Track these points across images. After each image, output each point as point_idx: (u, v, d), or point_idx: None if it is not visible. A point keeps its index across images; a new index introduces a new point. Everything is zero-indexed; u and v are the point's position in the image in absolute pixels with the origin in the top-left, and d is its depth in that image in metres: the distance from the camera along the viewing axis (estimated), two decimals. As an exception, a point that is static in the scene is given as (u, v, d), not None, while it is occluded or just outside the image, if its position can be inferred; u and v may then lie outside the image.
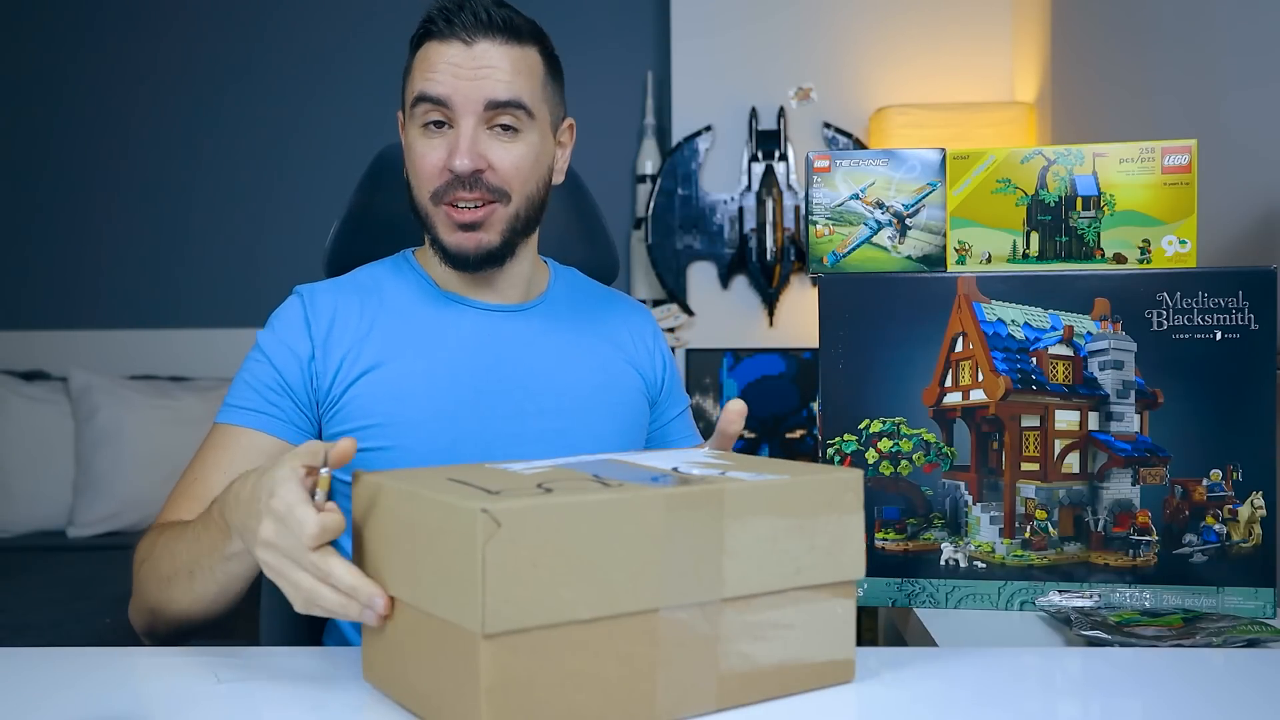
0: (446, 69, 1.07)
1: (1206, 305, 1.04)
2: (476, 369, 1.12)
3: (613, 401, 1.18)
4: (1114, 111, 2.09)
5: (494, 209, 1.09)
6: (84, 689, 0.79)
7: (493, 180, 1.08)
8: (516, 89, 1.08)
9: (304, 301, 1.13)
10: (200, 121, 3.33)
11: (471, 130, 1.06)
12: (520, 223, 1.11)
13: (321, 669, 0.82)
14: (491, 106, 1.07)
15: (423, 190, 1.10)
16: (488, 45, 1.07)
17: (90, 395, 2.85)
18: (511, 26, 1.08)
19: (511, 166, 1.08)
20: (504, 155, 1.08)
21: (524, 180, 1.10)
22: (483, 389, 1.11)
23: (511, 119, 1.08)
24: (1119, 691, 0.79)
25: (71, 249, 3.36)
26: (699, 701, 0.70)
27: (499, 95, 1.06)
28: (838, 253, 1.15)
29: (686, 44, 2.89)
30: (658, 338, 1.29)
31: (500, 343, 1.14)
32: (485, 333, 1.14)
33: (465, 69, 1.06)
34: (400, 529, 0.71)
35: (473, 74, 1.06)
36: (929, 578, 1.09)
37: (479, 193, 1.07)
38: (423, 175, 1.09)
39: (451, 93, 1.06)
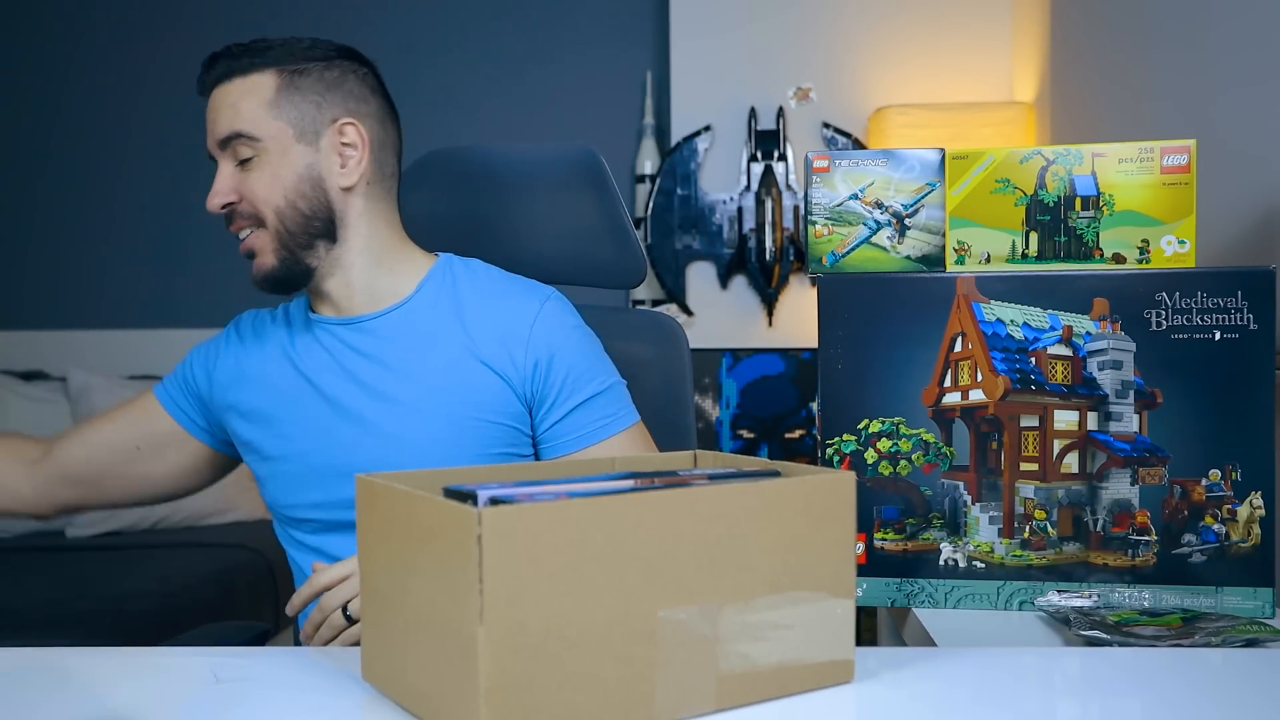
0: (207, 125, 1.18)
1: (1205, 305, 1.04)
2: (322, 382, 1.19)
3: (451, 401, 1.15)
4: (1113, 111, 2.09)
5: (257, 235, 1.17)
6: (84, 689, 0.79)
7: (245, 209, 1.16)
8: (233, 121, 1.15)
9: (233, 326, 1.29)
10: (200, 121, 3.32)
11: (222, 170, 1.17)
12: (289, 238, 1.17)
13: (321, 669, 0.82)
14: (222, 145, 1.16)
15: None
16: (216, 91, 1.17)
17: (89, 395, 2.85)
18: (232, 69, 1.16)
19: (254, 191, 1.15)
20: (247, 184, 1.16)
21: (268, 199, 1.15)
22: (328, 401, 1.18)
23: (244, 148, 1.15)
24: (1118, 691, 0.80)
25: (71, 249, 3.36)
26: (698, 702, 0.70)
27: (219, 133, 1.16)
28: (837, 253, 1.15)
29: (685, 44, 2.89)
30: (537, 329, 1.18)
31: (344, 355, 1.20)
32: (332, 347, 1.20)
33: (208, 117, 1.18)
34: (399, 529, 0.71)
35: (209, 122, 1.17)
36: (928, 578, 1.09)
37: (238, 222, 1.17)
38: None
39: (208, 144, 1.18)
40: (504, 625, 0.63)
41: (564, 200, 1.37)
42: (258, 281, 1.18)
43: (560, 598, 0.65)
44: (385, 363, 1.18)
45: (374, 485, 0.75)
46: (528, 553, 0.64)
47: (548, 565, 0.64)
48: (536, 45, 3.22)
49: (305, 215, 1.16)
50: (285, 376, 1.21)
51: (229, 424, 1.24)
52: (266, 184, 1.15)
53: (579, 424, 1.19)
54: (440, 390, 1.16)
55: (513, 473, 0.83)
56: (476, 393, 1.16)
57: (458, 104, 3.27)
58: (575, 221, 1.36)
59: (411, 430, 1.16)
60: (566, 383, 1.19)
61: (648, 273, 2.92)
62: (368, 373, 1.18)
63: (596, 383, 1.20)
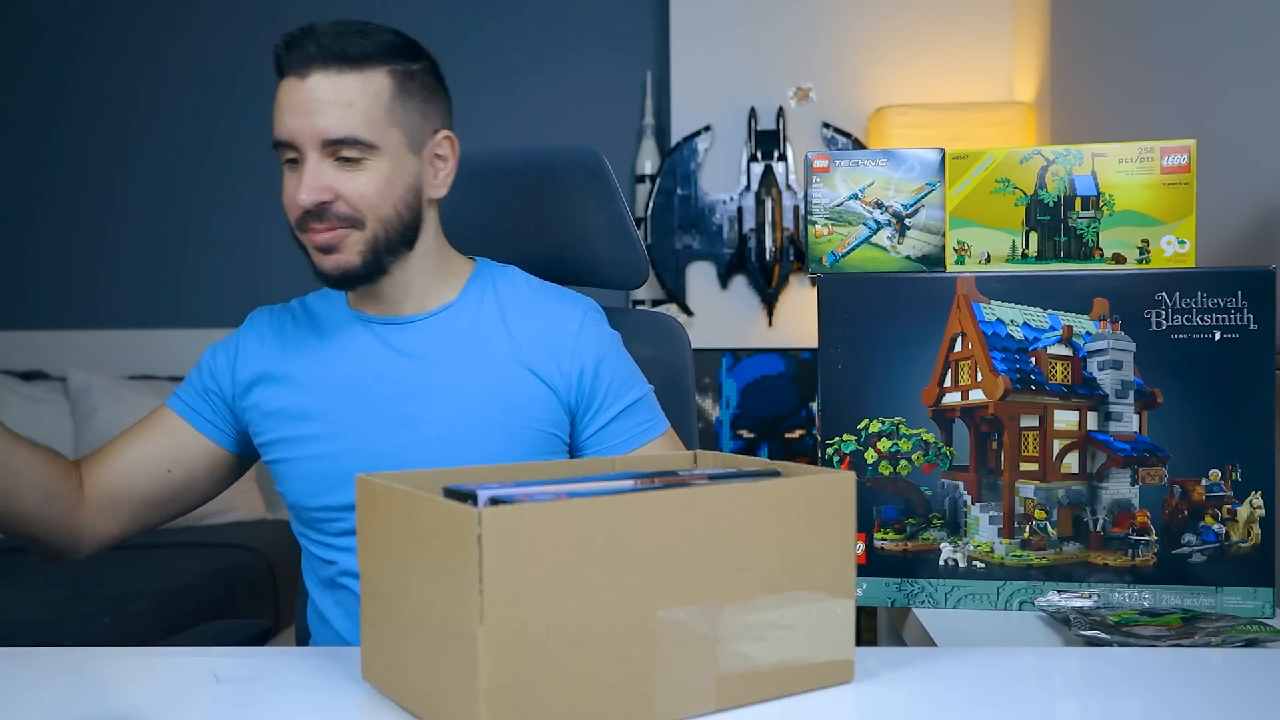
0: (287, 108, 1.09)
1: (1205, 305, 1.04)
2: (364, 380, 1.16)
3: (498, 409, 1.14)
4: (1113, 111, 2.09)
5: (348, 233, 1.10)
6: (83, 689, 0.79)
7: (342, 209, 1.09)
8: (349, 124, 1.08)
9: (250, 326, 1.24)
10: (200, 121, 3.33)
11: (315, 165, 1.08)
12: (383, 244, 1.12)
13: (321, 669, 0.82)
14: (328, 143, 1.08)
15: (291, 221, 1.14)
16: (320, 78, 1.08)
17: (89, 395, 2.85)
18: (345, 56, 1.08)
19: (358, 195, 1.09)
20: (350, 185, 1.09)
21: (374, 206, 1.10)
22: (369, 401, 1.15)
23: (352, 151, 1.08)
24: (1118, 691, 0.80)
25: (71, 249, 3.36)
26: (698, 702, 0.70)
27: (331, 133, 1.08)
28: (837, 253, 1.15)
29: (686, 44, 2.89)
30: (582, 338, 1.19)
31: (389, 355, 1.16)
32: (376, 346, 1.17)
33: (301, 104, 1.08)
34: (400, 529, 0.71)
35: (307, 109, 1.08)
36: (928, 578, 1.09)
37: (329, 222, 1.10)
38: (287, 209, 1.13)
39: (292, 134, 1.09)
40: (504, 625, 0.63)
41: (566, 200, 1.36)
42: (330, 275, 1.12)
43: (560, 598, 0.65)
44: (431, 365, 1.16)
45: (374, 485, 0.75)
46: (528, 553, 0.64)
47: (548, 565, 0.64)
48: (536, 45, 3.22)
49: (405, 224, 1.13)
50: (320, 375, 1.17)
51: (251, 423, 1.19)
52: (378, 191, 1.10)
53: (619, 431, 1.20)
54: (487, 396, 1.14)
55: (513, 473, 0.83)
56: (523, 400, 1.15)
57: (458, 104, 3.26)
58: (578, 222, 1.36)
59: (456, 436, 1.13)
60: (609, 391, 1.20)
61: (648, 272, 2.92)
62: (412, 375, 1.15)
63: (634, 390, 1.21)
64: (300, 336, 1.20)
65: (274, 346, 1.20)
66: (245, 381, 1.19)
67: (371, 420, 1.14)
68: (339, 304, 1.22)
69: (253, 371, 1.19)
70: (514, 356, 1.17)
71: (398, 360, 1.16)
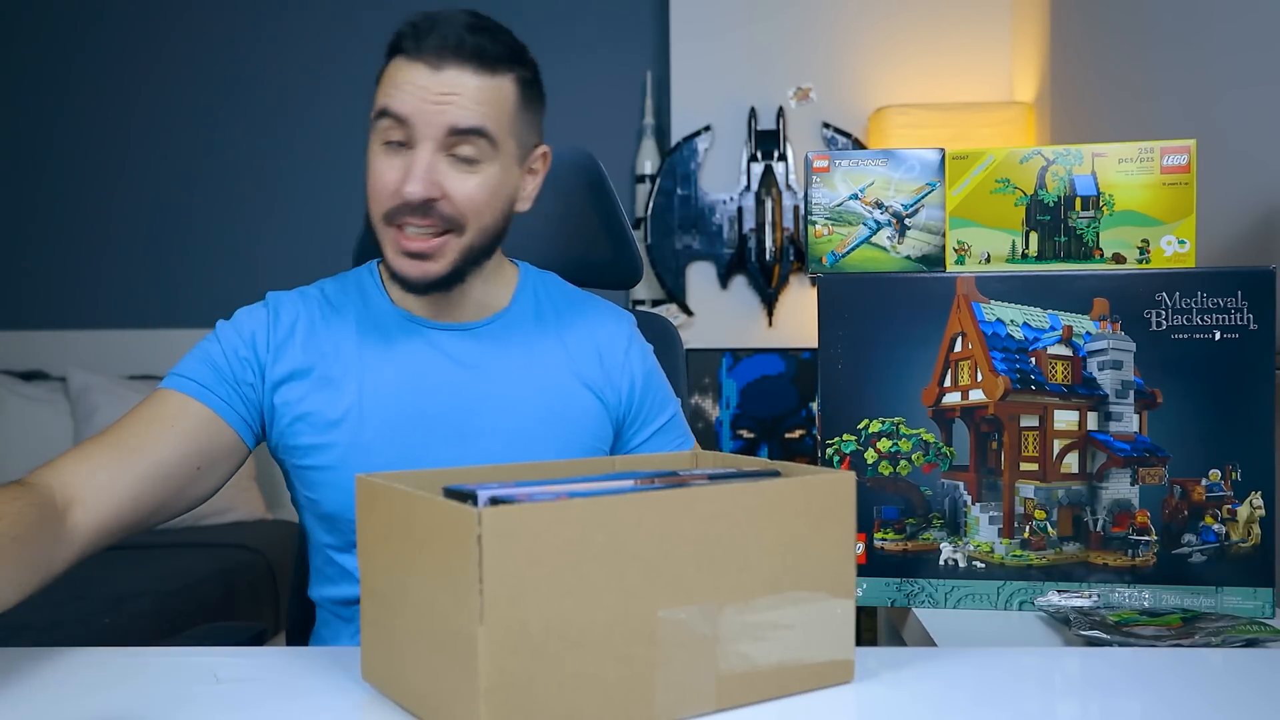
0: (411, 89, 1.02)
1: (1205, 305, 1.04)
2: (420, 390, 1.09)
3: (556, 426, 1.12)
4: (1113, 111, 2.09)
5: (446, 240, 1.05)
6: (83, 689, 0.79)
7: (446, 210, 1.04)
8: (481, 117, 1.03)
9: (269, 309, 1.12)
10: (200, 121, 3.33)
11: (429, 156, 1.02)
12: (474, 253, 1.08)
13: (321, 669, 0.82)
14: (454, 134, 1.02)
15: (376, 208, 1.06)
16: (456, 72, 1.03)
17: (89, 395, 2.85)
18: (482, 55, 1.04)
19: (467, 198, 1.04)
20: (460, 186, 1.04)
21: (479, 213, 1.05)
22: (424, 410, 1.09)
23: (472, 149, 1.03)
24: (1118, 691, 0.80)
25: (71, 249, 3.36)
26: (698, 702, 0.70)
27: (461, 122, 1.02)
28: (837, 253, 1.15)
29: (686, 44, 2.89)
30: (632, 352, 1.20)
31: (446, 363, 1.11)
32: (432, 353, 1.11)
33: (430, 93, 1.02)
34: (399, 529, 0.71)
35: (437, 99, 1.02)
36: (928, 578, 1.09)
37: (431, 220, 1.04)
38: (377, 194, 1.05)
39: (413, 113, 1.02)
40: (504, 625, 0.63)
41: (561, 202, 1.36)
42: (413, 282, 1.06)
43: (560, 598, 0.65)
44: (488, 376, 1.11)
45: (374, 485, 0.75)
46: (528, 553, 0.64)
47: (548, 565, 0.64)
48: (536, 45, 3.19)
49: (496, 235, 1.09)
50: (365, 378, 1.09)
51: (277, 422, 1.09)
52: (486, 198, 1.05)
53: (656, 447, 1.20)
54: (544, 409, 1.12)
55: (513, 473, 0.83)
56: (577, 413, 1.13)
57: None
58: (573, 223, 1.36)
59: (515, 449, 1.09)
60: (653, 406, 1.20)
61: (644, 273, 2.92)
62: (471, 386, 1.10)
63: (671, 406, 1.22)
64: (335, 333, 1.12)
65: (305, 340, 1.11)
66: (276, 378, 1.09)
67: (428, 431, 1.08)
68: (376, 299, 1.14)
69: (284, 367, 1.09)
70: (568, 369, 1.15)
71: (456, 369, 1.11)
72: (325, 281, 1.18)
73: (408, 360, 1.11)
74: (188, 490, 1.03)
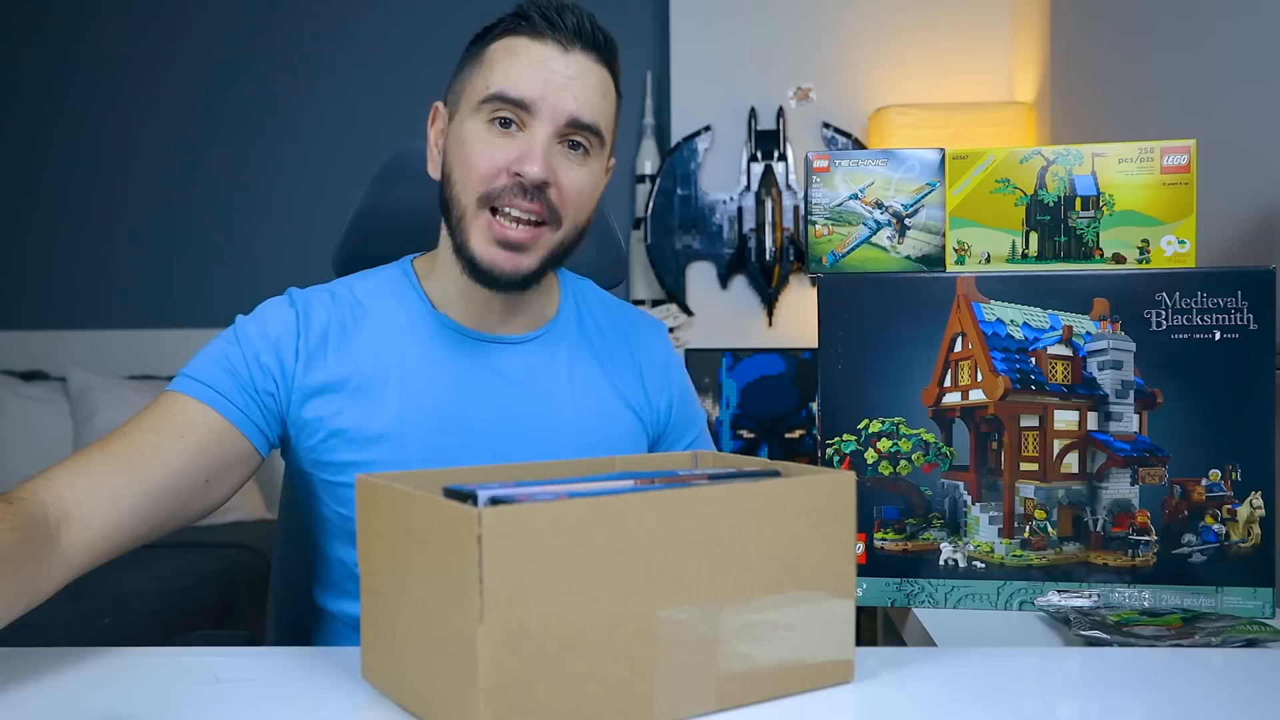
0: (537, 69, 0.98)
1: (1205, 305, 1.04)
2: (464, 405, 1.05)
3: (598, 445, 1.09)
4: (1113, 111, 2.09)
5: (543, 232, 1.01)
6: (84, 689, 0.79)
7: (553, 196, 1.00)
8: (599, 112, 1.01)
9: (298, 311, 1.05)
10: (200, 121, 3.33)
11: (547, 140, 0.98)
12: (562, 251, 1.04)
13: (321, 669, 0.82)
14: (572, 124, 0.99)
15: (470, 189, 1.00)
16: (583, 58, 1.00)
17: (89, 395, 2.85)
18: (607, 46, 1.02)
19: (575, 189, 1.01)
20: (571, 175, 1.01)
21: (580, 207, 1.03)
22: (468, 426, 1.05)
23: (585, 141, 1.01)
24: (1118, 691, 0.79)
25: (71, 249, 3.36)
26: (698, 702, 0.70)
27: (583, 115, 0.99)
28: (837, 253, 1.15)
29: (686, 44, 2.89)
30: (671, 369, 1.19)
31: (491, 377, 1.07)
32: (477, 366, 1.07)
33: (557, 74, 0.98)
34: (399, 529, 0.71)
35: (564, 82, 0.98)
36: (928, 578, 1.09)
37: (537, 205, 0.99)
38: (478, 172, 0.99)
39: (538, 97, 0.98)
40: (504, 625, 0.63)
41: None
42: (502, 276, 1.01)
43: (560, 598, 0.65)
44: (534, 394, 1.08)
45: (374, 485, 0.75)
46: (528, 553, 0.64)
47: (548, 565, 0.64)
48: (536, 45, 3.22)
49: (582, 235, 1.06)
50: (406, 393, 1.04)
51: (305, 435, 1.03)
52: (590, 192, 1.03)
53: None
54: (586, 431, 1.09)
55: (513, 473, 0.83)
56: (619, 436, 1.12)
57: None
58: None
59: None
60: (686, 422, 1.20)
61: (645, 273, 2.92)
62: (516, 405, 1.07)
63: (701, 418, 1.23)
64: (369, 338, 1.05)
65: (339, 349, 1.04)
66: (308, 389, 1.02)
67: (470, 449, 1.04)
68: (415, 303, 1.09)
69: (318, 378, 1.02)
70: (610, 388, 1.13)
71: (501, 386, 1.07)
72: (354, 279, 1.11)
73: (451, 374, 1.06)
74: (194, 503, 0.97)
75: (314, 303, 1.06)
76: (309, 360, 1.03)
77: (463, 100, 1.03)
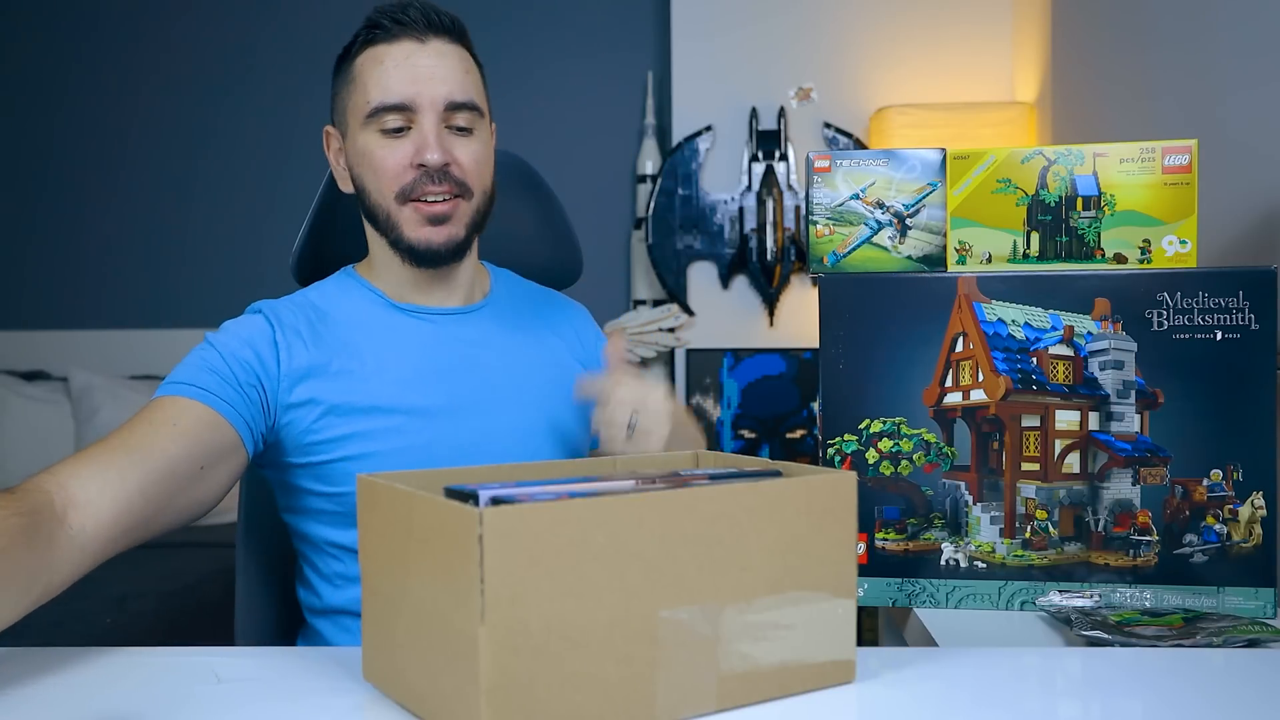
0: (404, 70, 1.08)
1: (1207, 305, 1.04)
2: (441, 371, 1.13)
3: (568, 395, 1.18)
4: (1114, 111, 2.09)
5: (458, 203, 1.11)
6: (84, 689, 0.79)
7: (457, 174, 1.10)
8: (469, 90, 1.11)
9: (265, 314, 1.11)
10: (200, 121, 3.33)
11: (435, 127, 1.08)
12: (479, 218, 1.14)
13: (321, 668, 0.82)
14: (451, 107, 1.09)
15: (386, 191, 1.10)
16: (440, 44, 1.10)
17: (91, 395, 2.85)
18: (456, 28, 1.12)
19: (472, 162, 1.11)
20: (465, 152, 1.11)
21: (481, 176, 1.13)
22: (452, 389, 1.13)
23: (466, 119, 1.10)
24: (1119, 691, 0.79)
25: (71, 249, 3.36)
26: (699, 702, 0.70)
27: (456, 96, 1.09)
28: (838, 253, 1.15)
29: (687, 44, 2.89)
30: (598, 337, 1.31)
31: (458, 344, 1.16)
32: (442, 336, 1.16)
33: (422, 67, 1.08)
34: (400, 529, 0.71)
35: (430, 72, 1.08)
36: (929, 578, 1.09)
37: (446, 185, 1.09)
38: (387, 176, 1.10)
39: (413, 95, 1.08)
40: (505, 625, 0.63)
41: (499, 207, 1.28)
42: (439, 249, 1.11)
43: (561, 597, 0.65)
44: (502, 352, 1.18)
45: (375, 485, 0.75)
46: (529, 552, 0.64)
47: (549, 565, 0.64)
48: (537, 45, 3.23)
49: (490, 201, 1.16)
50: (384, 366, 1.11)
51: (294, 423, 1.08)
52: (484, 159, 1.14)
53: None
54: (559, 382, 1.19)
55: (514, 473, 0.83)
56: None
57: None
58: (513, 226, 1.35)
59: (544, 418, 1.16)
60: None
61: (646, 273, 2.92)
62: (490, 360, 1.17)
63: None
64: (337, 331, 1.13)
65: (312, 339, 1.11)
66: (295, 373, 1.07)
67: (458, 408, 1.12)
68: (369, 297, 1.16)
69: (301, 362, 1.08)
70: (563, 348, 1.24)
71: (469, 349, 1.16)
72: (304, 291, 1.18)
73: (422, 345, 1.14)
74: (192, 490, 0.99)
75: (278, 307, 1.13)
76: (289, 349, 1.09)
77: (349, 118, 1.13)
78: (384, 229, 1.12)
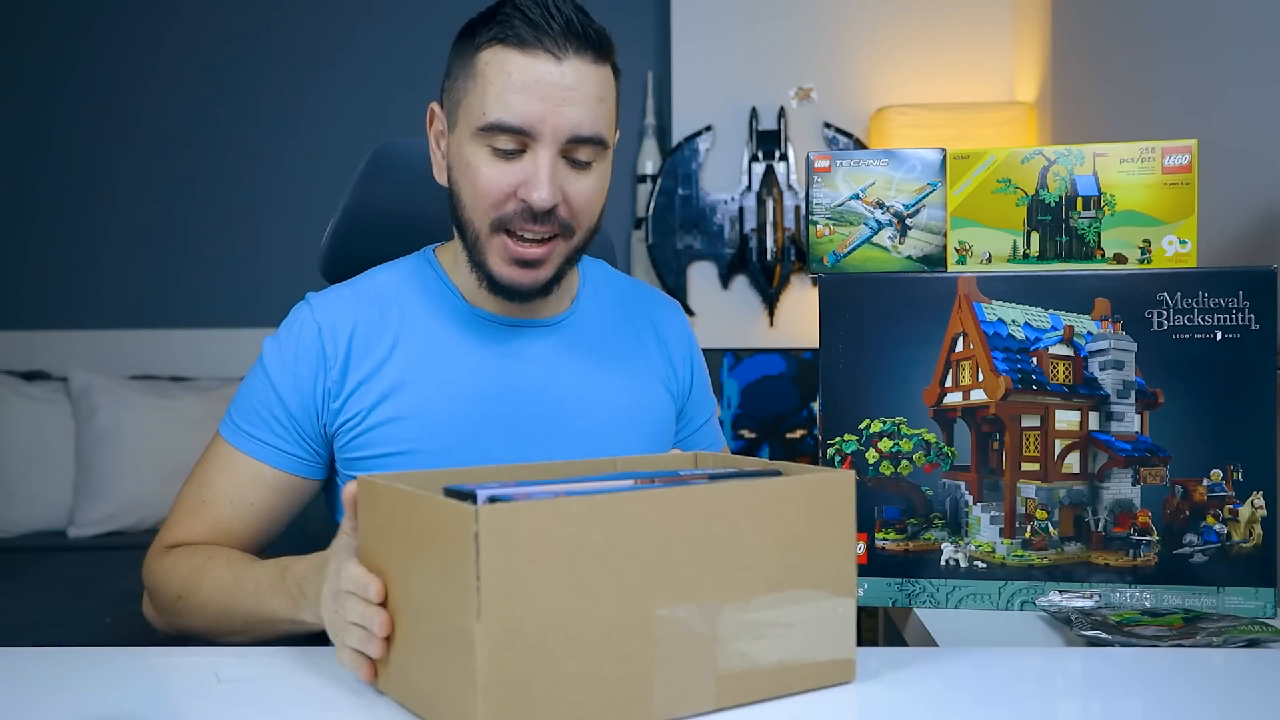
0: (532, 89, 0.96)
1: (1207, 305, 1.04)
2: (503, 391, 1.07)
3: (639, 421, 1.12)
4: (1114, 111, 2.09)
5: (555, 245, 1.02)
6: (84, 688, 0.79)
7: (563, 214, 1.00)
8: (599, 122, 0.99)
9: (318, 318, 1.06)
10: (200, 121, 3.33)
11: (551, 162, 0.98)
12: (577, 255, 1.06)
13: (321, 668, 0.82)
14: (574, 141, 0.98)
15: (480, 214, 1.00)
16: (577, 63, 0.97)
17: (90, 395, 2.85)
18: (601, 41, 0.99)
19: (584, 201, 1.01)
20: (578, 189, 1.00)
21: (591, 214, 1.03)
22: (509, 412, 1.06)
23: (587, 154, 1.00)
24: (1119, 691, 0.79)
25: (71, 249, 3.36)
26: (697, 701, 0.70)
27: (583, 131, 0.98)
28: (838, 253, 1.15)
29: (687, 44, 2.89)
30: (690, 339, 1.22)
31: (527, 362, 1.09)
32: (511, 352, 1.09)
33: (552, 91, 0.96)
34: (399, 528, 0.71)
35: (560, 98, 0.96)
36: (929, 578, 1.09)
37: (548, 225, 1.00)
38: (487, 198, 0.99)
39: (535, 122, 0.96)
40: (502, 623, 0.63)
41: None
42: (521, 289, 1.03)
43: (558, 596, 0.65)
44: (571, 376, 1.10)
45: (374, 485, 0.75)
46: (525, 551, 0.64)
47: (546, 563, 0.64)
48: (538, 45, 3.22)
49: (594, 234, 1.06)
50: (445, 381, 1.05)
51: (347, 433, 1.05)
52: (597, 198, 1.03)
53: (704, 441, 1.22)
54: (627, 408, 1.12)
55: (513, 472, 0.83)
56: (655, 409, 1.15)
57: (459, 104, 3.26)
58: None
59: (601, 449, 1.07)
60: (701, 402, 1.23)
61: (646, 272, 2.92)
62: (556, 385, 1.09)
63: (713, 404, 1.25)
64: (398, 330, 1.07)
65: (367, 345, 1.05)
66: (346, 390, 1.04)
67: (514, 435, 1.06)
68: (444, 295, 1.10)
69: (355, 376, 1.04)
70: (641, 362, 1.16)
71: (537, 371, 1.09)
72: (374, 272, 1.12)
73: (489, 363, 1.07)
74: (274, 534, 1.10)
75: (335, 304, 1.07)
76: (344, 366, 1.05)
77: (460, 116, 1.01)
78: (470, 246, 1.04)
